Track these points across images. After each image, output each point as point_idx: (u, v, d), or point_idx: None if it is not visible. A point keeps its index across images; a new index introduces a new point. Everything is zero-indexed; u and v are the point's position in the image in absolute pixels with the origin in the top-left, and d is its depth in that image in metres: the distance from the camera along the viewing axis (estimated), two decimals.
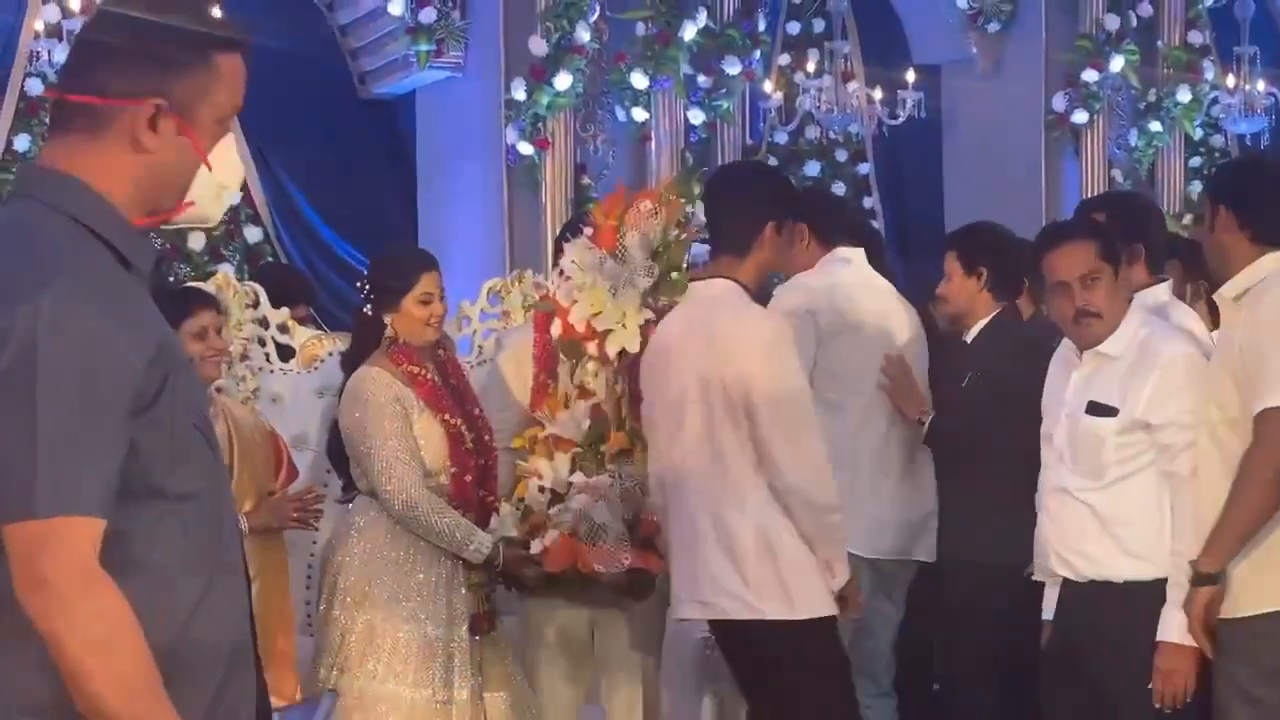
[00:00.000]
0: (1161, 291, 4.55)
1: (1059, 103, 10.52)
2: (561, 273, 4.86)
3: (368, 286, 4.70)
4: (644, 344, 4.68)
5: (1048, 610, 4.38)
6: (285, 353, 5.56)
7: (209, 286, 5.41)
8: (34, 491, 2.02)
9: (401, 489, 4.51)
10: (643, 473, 4.66)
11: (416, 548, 4.62)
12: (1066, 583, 4.26)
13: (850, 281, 5.13)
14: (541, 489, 4.74)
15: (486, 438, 4.77)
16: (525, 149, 8.78)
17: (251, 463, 4.73)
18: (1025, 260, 4.58)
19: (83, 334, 2.07)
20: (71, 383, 2.05)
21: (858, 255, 5.20)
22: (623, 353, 4.72)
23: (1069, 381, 4.26)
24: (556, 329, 4.84)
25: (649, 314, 4.74)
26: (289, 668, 4.70)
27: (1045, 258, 4.25)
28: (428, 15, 9.02)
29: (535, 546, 4.62)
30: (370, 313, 4.67)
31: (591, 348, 4.76)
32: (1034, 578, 4.41)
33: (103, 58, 2.22)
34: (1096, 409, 4.17)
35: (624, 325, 4.71)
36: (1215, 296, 4.22)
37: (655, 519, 4.60)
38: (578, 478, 4.69)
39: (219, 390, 5.16)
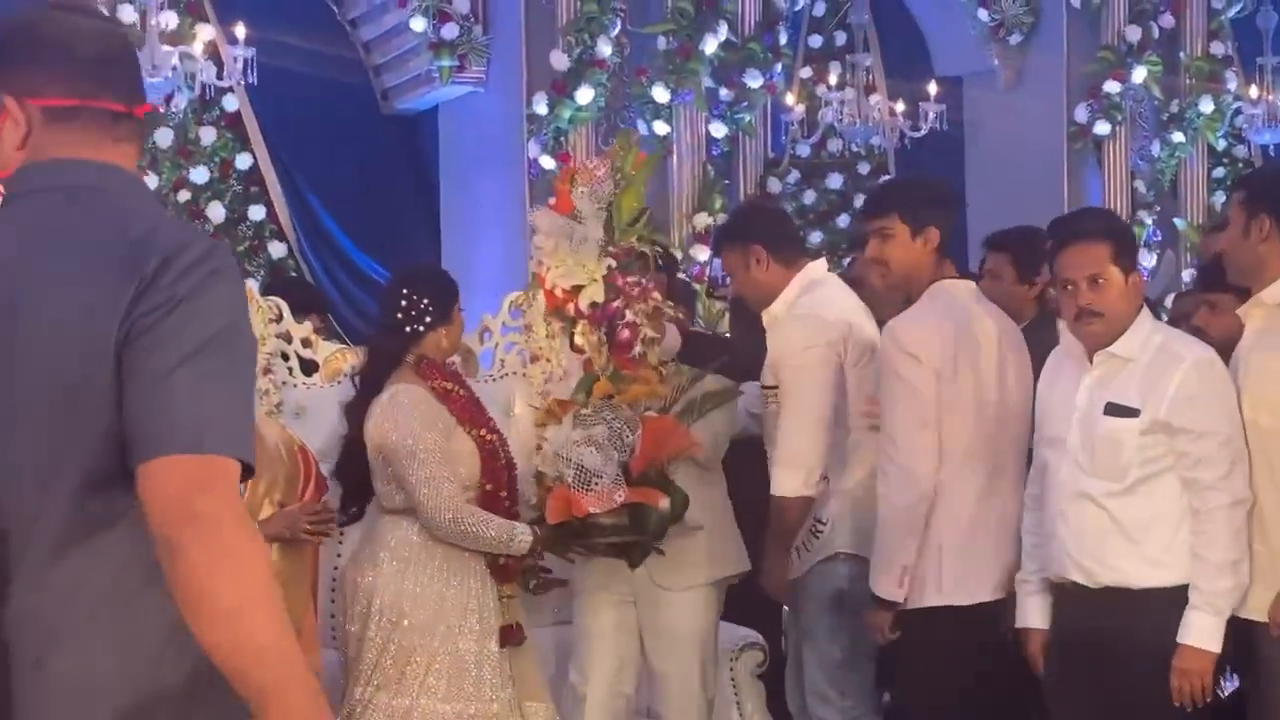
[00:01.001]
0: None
1: (1081, 114, 10.51)
2: (538, 248, 5.07)
3: (424, 301, 4.74)
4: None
5: (1026, 618, 4.38)
6: (309, 367, 5.57)
7: None
8: (203, 426, 2.11)
9: (449, 505, 4.55)
10: (629, 415, 4.83)
11: (448, 563, 4.64)
12: (1076, 588, 4.24)
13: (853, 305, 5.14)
14: (540, 448, 4.91)
15: (506, 449, 4.84)
16: (547, 163, 8.80)
17: (270, 474, 4.74)
18: None
19: (242, 295, 2.25)
20: (238, 338, 2.19)
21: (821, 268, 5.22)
22: (595, 304, 4.89)
23: (1079, 383, 4.23)
24: (542, 303, 5.11)
25: (610, 261, 4.91)
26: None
27: (1057, 254, 4.28)
28: (450, 31, 9.06)
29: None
30: (419, 329, 4.72)
31: (571, 308, 4.95)
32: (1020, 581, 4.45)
33: (138, 74, 2.38)
34: (1116, 410, 4.14)
35: (593, 279, 4.91)
36: (1254, 303, 4.23)
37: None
38: (577, 433, 4.79)
39: (278, 405, 5.20)
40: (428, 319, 4.74)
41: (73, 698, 2.17)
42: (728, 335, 7.17)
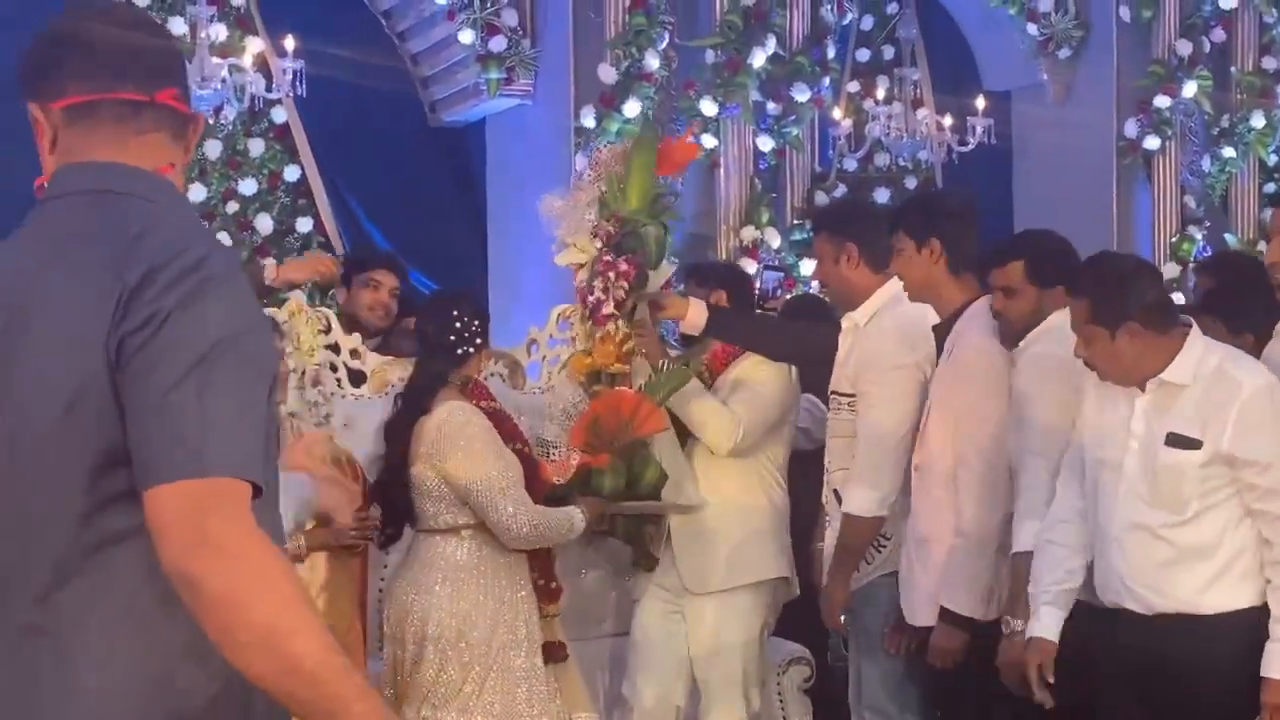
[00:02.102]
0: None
1: (1131, 129, 10.44)
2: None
3: (475, 324, 4.78)
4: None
5: (1042, 629, 4.30)
6: (357, 378, 5.58)
7: (281, 313, 5.45)
8: (206, 448, 2.00)
9: (527, 511, 4.66)
10: (579, 393, 5.42)
11: (499, 582, 4.69)
12: (1130, 615, 4.17)
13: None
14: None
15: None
16: None
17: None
18: None
19: (251, 302, 2.14)
20: (241, 350, 2.06)
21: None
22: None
23: (1133, 409, 4.15)
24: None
25: (598, 241, 5.45)
26: None
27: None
28: (498, 44, 9.07)
29: None
30: (469, 350, 4.76)
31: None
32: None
33: (176, 67, 2.30)
34: (1178, 441, 4.06)
35: (585, 257, 5.50)
36: None
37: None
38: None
39: (292, 415, 5.20)
40: (478, 341, 4.81)
41: (86, 715, 2.09)
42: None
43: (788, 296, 8.50)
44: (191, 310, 2.03)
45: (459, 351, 4.79)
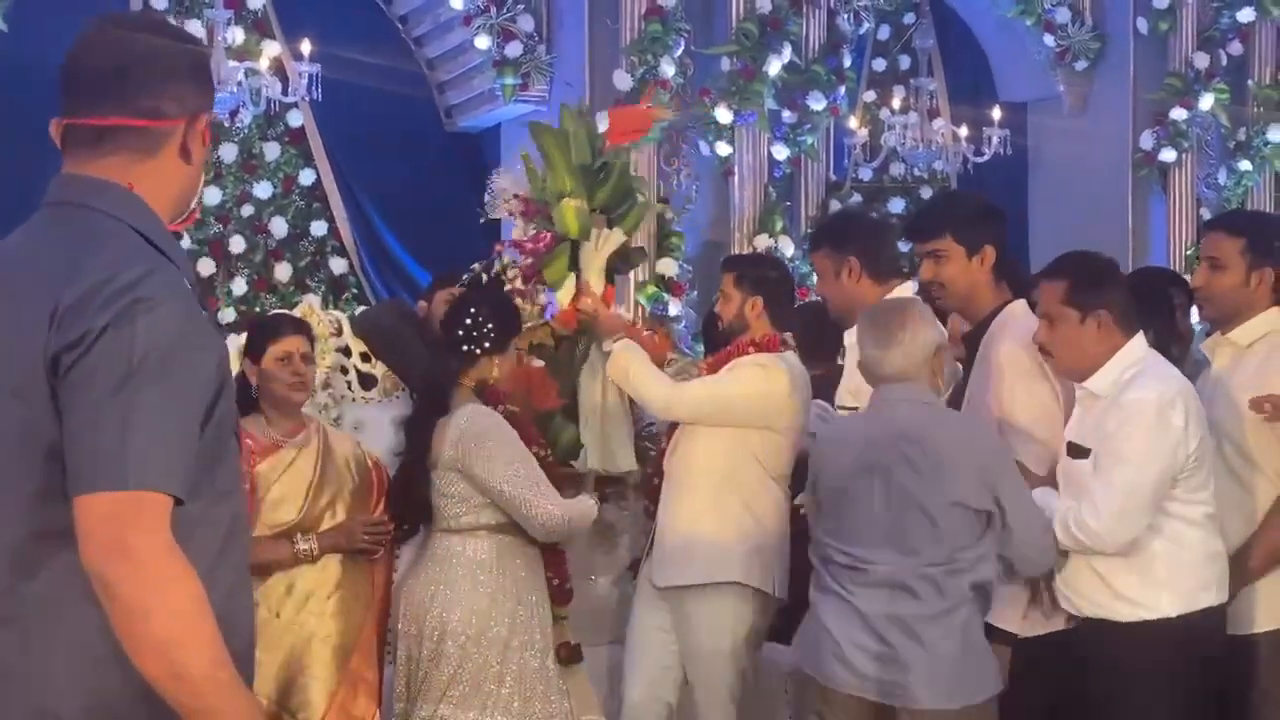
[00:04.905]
0: None
1: (1147, 141, 10.44)
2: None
3: (487, 325, 4.75)
4: None
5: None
6: (367, 381, 5.59)
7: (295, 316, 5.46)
8: (127, 464, 2.15)
9: (556, 505, 4.65)
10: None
11: (514, 581, 4.69)
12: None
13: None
14: None
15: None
16: None
17: (335, 488, 4.76)
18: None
19: (182, 320, 2.25)
20: (169, 368, 2.21)
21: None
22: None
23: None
24: None
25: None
26: (366, 693, 4.71)
27: None
28: (514, 49, 9.08)
29: None
30: (475, 351, 4.74)
31: None
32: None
33: (146, 85, 2.40)
34: (1075, 450, 4.23)
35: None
36: (1223, 342, 4.39)
37: None
38: None
39: (336, 420, 5.22)
40: (485, 344, 4.74)
41: (50, 698, 2.27)
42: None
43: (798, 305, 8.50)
44: (122, 330, 2.18)
45: (464, 349, 4.76)
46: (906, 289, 5.11)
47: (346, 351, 5.54)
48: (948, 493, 4.08)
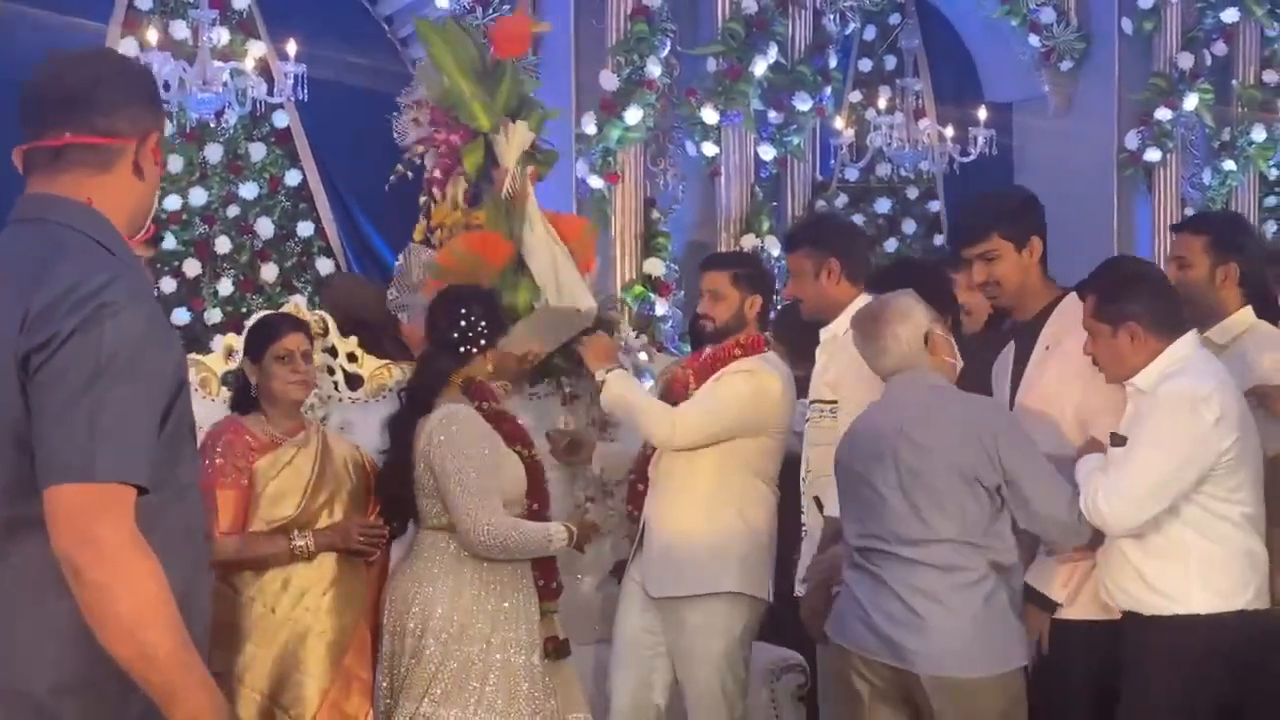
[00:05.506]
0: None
1: (1132, 141, 10.46)
2: None
3: (481, 324, 4.76)
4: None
5: None
6: (353, 382, 5.58)
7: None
8: (95, 457, 2.32)
9: (494, 520, 4.60)
10: None
11: (498, 578, 4.68)
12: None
13: None
14: None
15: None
16: (595, 183, 8.79)
17: (331, 488, 4.77)
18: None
19: (145, 323, 2.42)
20: (134, 368, 2.37)
21: None
22: None
23: None
24: None
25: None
26: (360, 691, 4.72)
27: None
28: None
29: None
30: (472, 350, 4.74)
31: None
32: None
33: (96, 106, 2.57)
34: (1116, 440, 4.27)
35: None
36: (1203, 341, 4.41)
37: None
38: None
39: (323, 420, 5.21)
40: (482, 342, 4.77)
41: (17, 675, 2.43)
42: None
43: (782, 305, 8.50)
44: (89, 333, 2.35)
45: (462, 350, 4.78)
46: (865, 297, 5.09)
47: (333, 352, 5.53)
48: (949, 464, 4.16)
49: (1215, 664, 4.15)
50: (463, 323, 4.77)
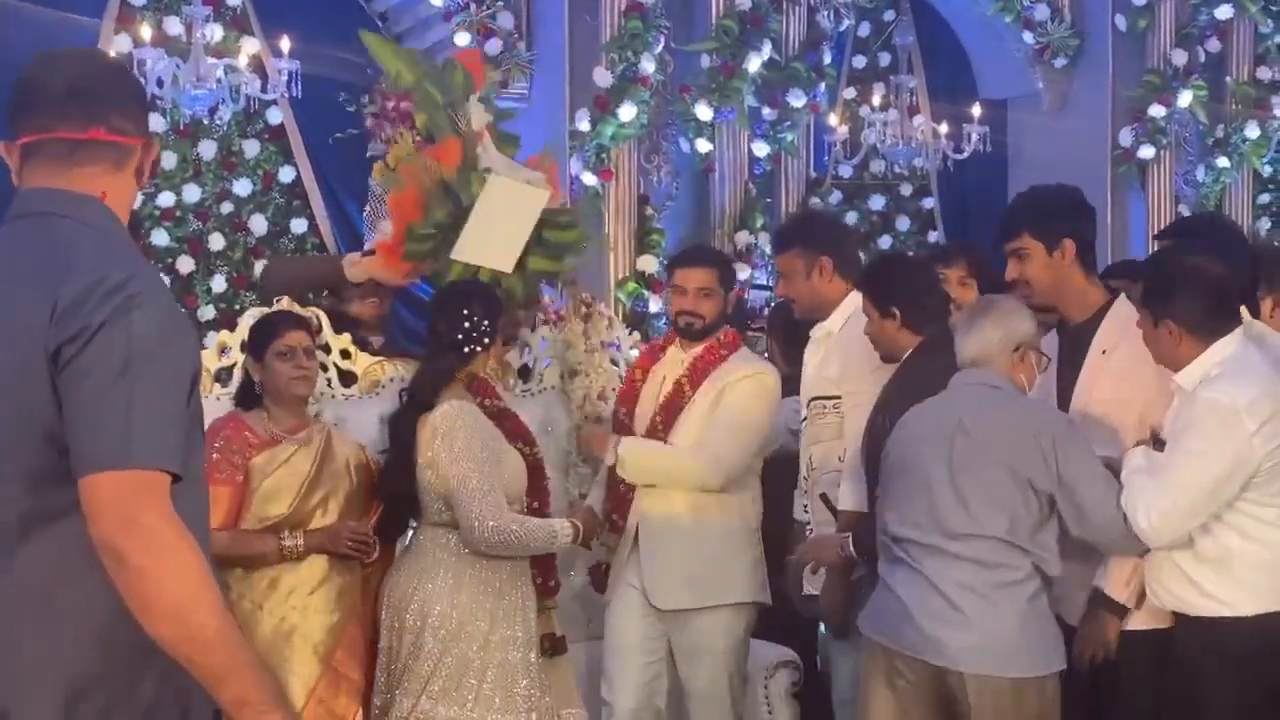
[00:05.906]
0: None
1: (1125, 138, 10.47)
2: None
3: (485, 322, 4.77)
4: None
5: None
6: (347, 378, 5.58)
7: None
8: (131, 444, 2.38)
9: (497, 517, 4.59)
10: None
11: (498, 575, 4.68)
12: None
13: None
14: None
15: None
16: (589, 180, 8.79)
17: (329, 488, 4.77)
18: None
19: (167, 314, 2.50)
20: (161, 357, 2.44)
21: None
22: None
23: None
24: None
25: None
26: (349, 692, 4.71)
27: None
28: (493, 47, 9.05)
29: None
30: (476, 349, 4.76)
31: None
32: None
33: (114, 103, 2.63)
34: (1159, 444, 4.27)
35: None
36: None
37: None
38: None
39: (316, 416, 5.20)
40: (486, 340, 4.79)
41: (31, 666, 2.45)
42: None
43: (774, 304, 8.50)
44: (117, 325, 2.41)
45: (466, 349, 4.79)
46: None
47: (326, 349, 5.53)
48: (1003, 461, 4.17)
49: (1263, 664, 4.14)
50: (466, 323, 4.79)
